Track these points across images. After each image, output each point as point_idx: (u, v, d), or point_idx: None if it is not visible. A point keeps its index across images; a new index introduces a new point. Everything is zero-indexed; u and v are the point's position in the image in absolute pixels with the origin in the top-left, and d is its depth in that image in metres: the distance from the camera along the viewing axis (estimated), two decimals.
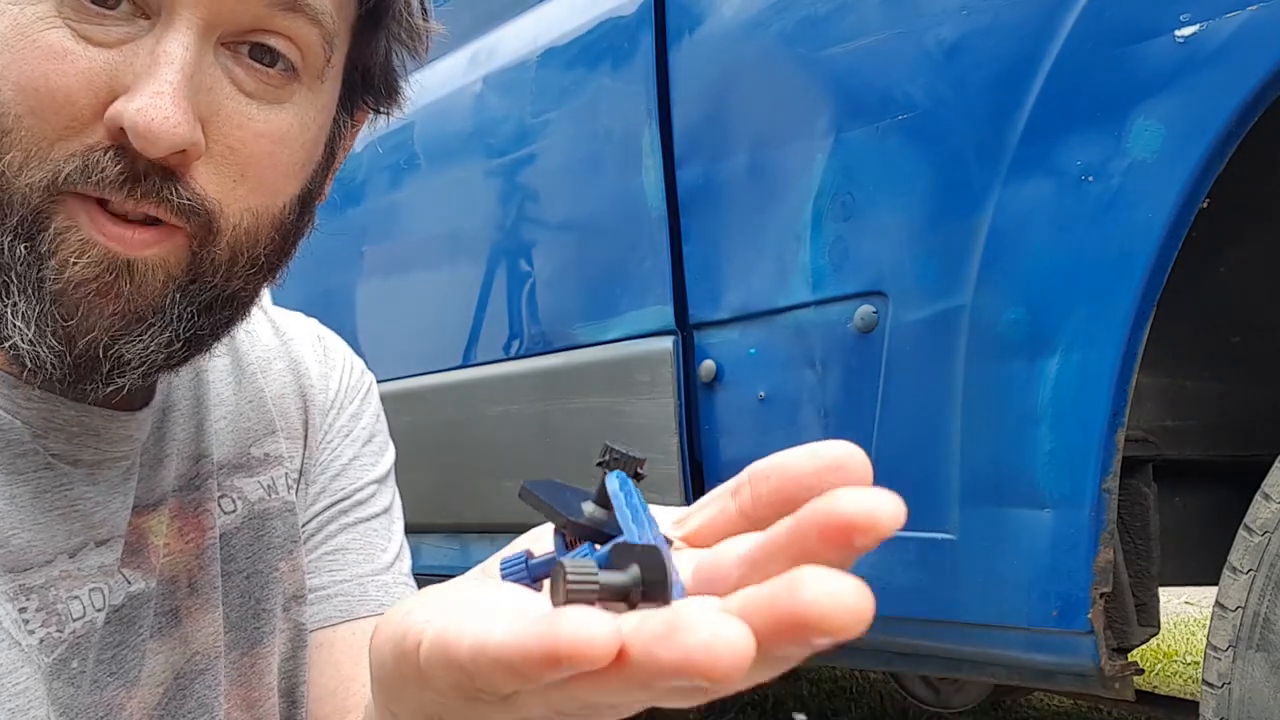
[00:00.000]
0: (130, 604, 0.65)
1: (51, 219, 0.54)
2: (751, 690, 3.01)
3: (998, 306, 1.09)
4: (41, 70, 0.53)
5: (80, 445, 0.62)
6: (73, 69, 0.53)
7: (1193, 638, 3.79)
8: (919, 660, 1.30)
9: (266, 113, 0.57)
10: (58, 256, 0.54)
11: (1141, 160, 0.99)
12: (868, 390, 1.21)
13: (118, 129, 0.53)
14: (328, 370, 0.83)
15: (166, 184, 0.54)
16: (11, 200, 0.53)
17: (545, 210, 1.65)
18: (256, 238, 0.59)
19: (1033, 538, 1.07)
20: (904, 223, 1.18)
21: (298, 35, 0.57)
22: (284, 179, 0.60)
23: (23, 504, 0.59)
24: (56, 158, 0.53)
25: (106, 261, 0.54)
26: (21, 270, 0.53)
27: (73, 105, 0.53)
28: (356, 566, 0.80)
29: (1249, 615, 0.97)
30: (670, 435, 1.41)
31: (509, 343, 1.70)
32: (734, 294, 1.36)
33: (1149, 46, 0.98)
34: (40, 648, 0.59)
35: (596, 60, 1.56)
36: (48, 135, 0.53)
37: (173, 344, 0.57)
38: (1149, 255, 0.98)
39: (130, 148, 0.53)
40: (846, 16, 1.23)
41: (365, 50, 0.63)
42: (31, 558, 0.59)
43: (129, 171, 0.53)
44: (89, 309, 0.54)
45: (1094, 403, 1.02)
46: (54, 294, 0.54)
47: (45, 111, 0.53)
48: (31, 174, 0.53)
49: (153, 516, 0.68)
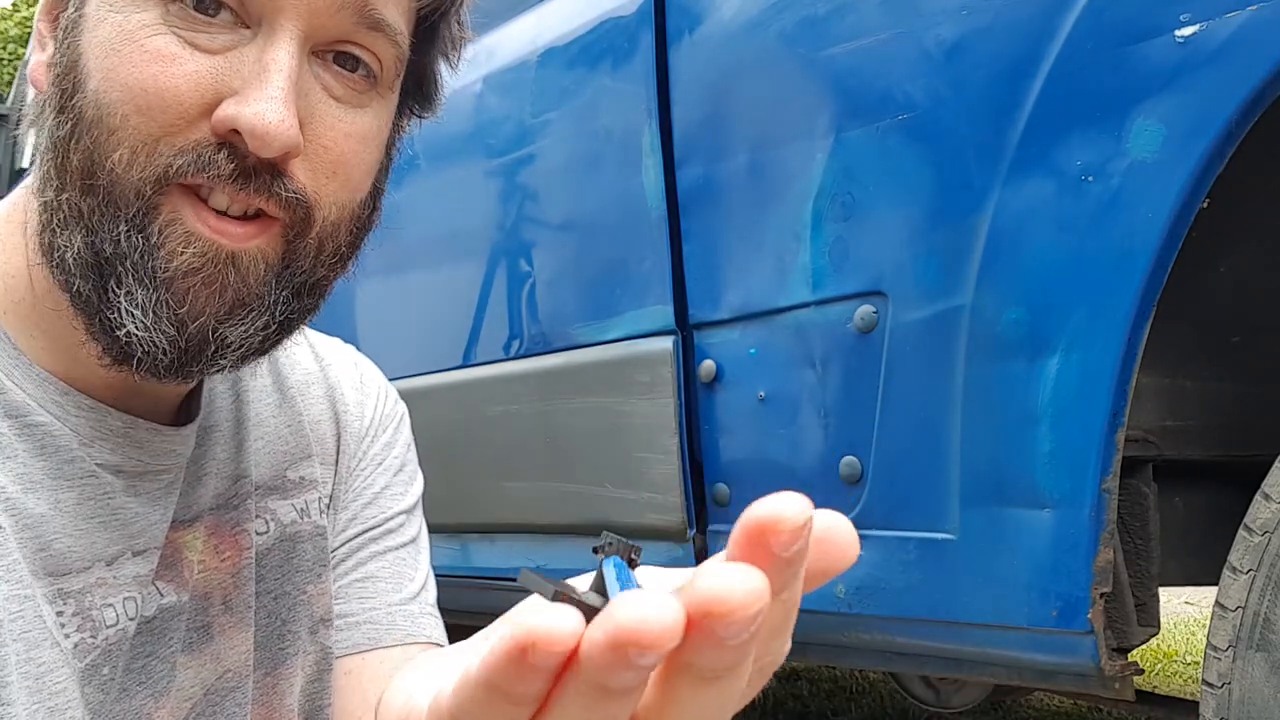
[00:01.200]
0: (161, 616, 0.66)
1: (160, 212, 0.57)
2: None
3: (998, 306, 1.09)
4: (150, 72, 0.56)
5: (124, 456, 0.64)
6: (180, 71, 0.56)
7: (1193, 638, 3.79)
8: (919, 660, 1.30)
9: (352, 115, 0.62)
10: (166, 247, 0.57)
11: (1141, 160, 0.99)
12: (868, 390, 1.21)
13: (228, 130, 0.56)
14: (363, 398, 0.86)
15: (275, 180, 0.58)
16: (125, 194, 0.57)
17: (545, 210, 1.65)
18: (339, 229, 0.63)
19: (1033, 538, 1.07)
20: (904, 223, 1.18)
21: (377, 50, 0.62)
22: (365, 176, 0.64)
23: (66, 509, 0.61)
24: (164, 153, 0.56)
25: (211, 253, 0.57)
26: (137, 260, 0.56)
27: (180, 105, 0.56)
28: (385, 595, 0.81)
29: (1249, 615, 0.97)
30: (670, 435, 1.41)
31: (509, 343, 1.70)
32: (734, 294, 1.36)
33: (1149, 46, 0.98)
34: (75, 652, 0.60)
35: (596, 60, 1.56)
36: (154, 133, 0.56)
37: (268, 327, 0.61)
38: (1149, 255, 0.98)
39: (240, 147, 0.56)
40: (846, 16, 1.23)
41: (419, 60, 0.68)
42: (71, 563, 0.61)
43: (240, 169, 0.57)
44: (197, 297, 0.58)
45: (1094, 403, 1.02)
46: (165, 282, 0.57)
47: (153, 110, 0.56)
48: (142, 169, 0.56)
49: (188, 532, 0.69)
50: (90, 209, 0.57)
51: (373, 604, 0.81)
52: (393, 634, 0.80)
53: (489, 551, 1.76)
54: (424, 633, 0.80)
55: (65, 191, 0.58)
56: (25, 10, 18.44)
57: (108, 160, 0.56)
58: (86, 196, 0.57)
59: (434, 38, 0.67)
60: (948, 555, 1.15)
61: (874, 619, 1.24)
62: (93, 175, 0.57)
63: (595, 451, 1.50)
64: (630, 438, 1.46)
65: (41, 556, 0.59)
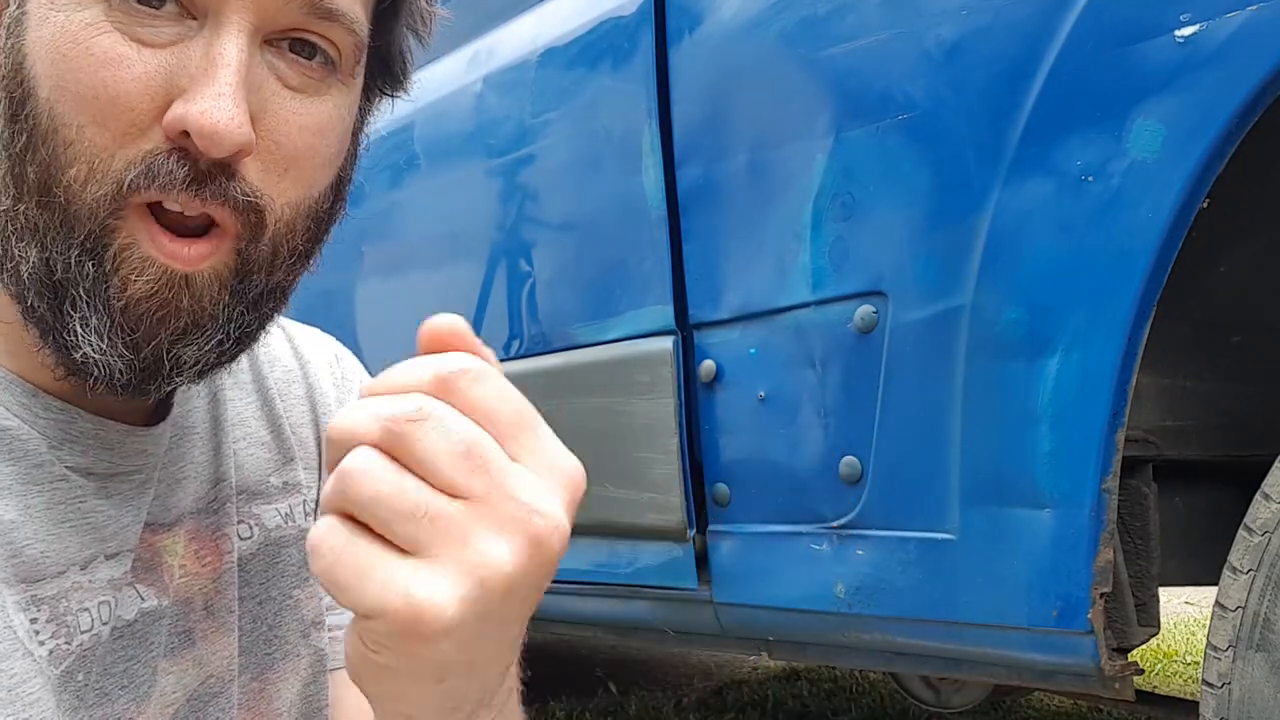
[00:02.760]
0: (142, 620, 0.65)
1: (115, 236, 0.55)
2: (751, 691, 3.01)
3: (998, 306, 1.09)
4: (99, 78, 0.54)
5: (95, 458, 0.63)
6: (129, 74, 0.54)
7: (1193, 638, 3.79)
8: (919, 660, 1.30)
9: (308, 105, 0.59)
10: (120, 274, 0.55)
11: (1141, 160, 0.98)
12: (867, 390, 1.21)
13: (179, 132, 0.54)
14: (344, 396, 0.84)
15: (229, 182, 0.56)
16: (79, 215, 0.55)
17: (545, 210, 1.65)
18: (294, 228, 0.61)
19: (1033, 538, 1.07)
20: (904, 223, 1.17)
21: (334, 38, 0.59)
22: (322, 170, 0.62)
23: (37, 514, 0.60)
24: (118, 168, 0.55)
25: (165, 278, 0.56)
26: (89, 286, 0.55)
27: (132, 111, 0.54)
28: None
29: (1249, 615, 0.97)
30: (670, 435, 1.41)
31: (509, 342, 1.70)
32: (734, 294, 1.36)
33: (1149, 46, 0.98)
34: (50, 659, 0.59)
35: (596, 60, 1.56)
36: (108, 145, 0.54)
37: (224, 344, 0.60)
38: (1149, 255, 0.98)
39: (192, 149, 0.54)
40: (847, 16, 1.23)
41: (384, 39, 0.66)
42: (45, 569, 0.60)
43: (193, 173, 0.55)
44: (153, 321, 0.56)
45: (1094, 403, 1.02)
46: (120, 309, 0.55)
47: (107, 120, 0.54)
48: (97, 188, 0.55)
49: (168, 536, 0.68)
50: (46, 225, 0.56)
51: None
52: None
53: None
54: None
55: (22, 202, 0.56)
56: None
57: (64, 175, 0.55)
58: (43, 211, 0.55)
59: (398, 14, 0.65)
60: (948, 555, 1.15)
61: (874, 619, 1.24)
62: (49, 191, 0.55)
63: (595, 451, 1.50)
64: (630, 438, 1.46)
65: (14, 563, 0.58)
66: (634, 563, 1.50)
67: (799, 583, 1.31)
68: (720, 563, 1.40)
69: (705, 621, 1.46)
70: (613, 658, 3.65)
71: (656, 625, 1.57)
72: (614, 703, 2.89)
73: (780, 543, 1.33)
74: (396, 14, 0.65)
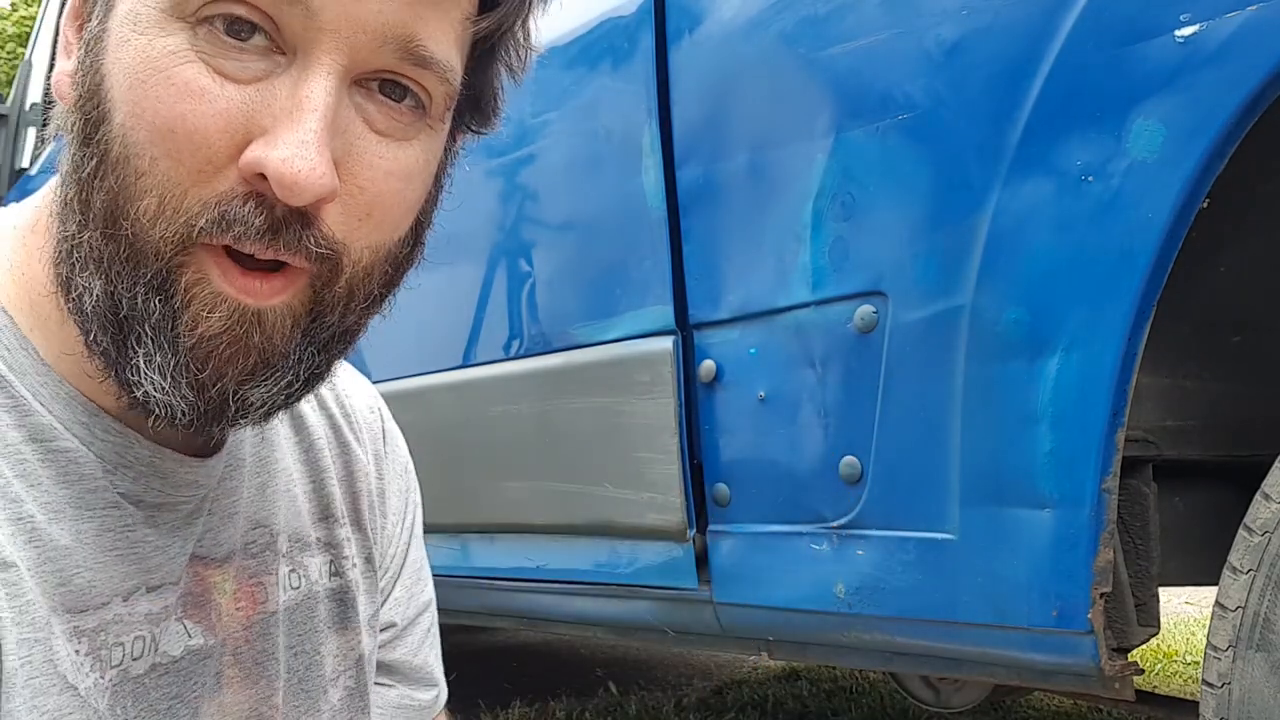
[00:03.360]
0: (189, 658, 0.64)
1: (184, 272, 0.53)
2: (751, 691, 3.01)
3: (998, 306, 1.09)
4: (179, 111, 0.52)
5: (146, 485, 0.61)
6: (210, 109, 0.52)
7: (1193, 638, 3.79)
8: (919, 660, 1.30)
9: (395, 151, 0.57)
10: (190, 311, 0.53)
11: (1142, 160, 0.98)
12: (868, 390, 1.21)
13: (256, 175, 0.52)
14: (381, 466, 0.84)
15: (305, 231, 0.54)
16: (145, 251, 0.53)
17: (545, 210, 1.65)
18: (372, 273, 0.59)
19: (1033, 538, 1.07)
20: (904, 223, 1.17)
21: (426, 84, 0.57)
22: (404, 215, 0.60)
23: (87, 541, 0.58)
24: (191, 207, 0.52)
25: (238, 315, 0.54)
26: (156, 324, 0.53)
27: (210, 148, 0.52)
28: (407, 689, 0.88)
29: (1249, 615, 0.97)
30: (670, 435, 1.41)
31: (509, 343, 1.70)
32: (734, 294, 1.36)
33: (1149, 46, 0.98)
34: (93, 692, 0.57)
35: (596, 60, 1.56)
36: (182, 181, 0.52)
37: (293, 385, 0.58)
38: (1149, 255, 0.98)
39: (269, 195, 0.52)
40: (847, 16, 1.23)
41: (478, 78, 0.63)
42: (90, 599, 0.58)
43: (269, 221, 0.53)
44: (221, 360, 0.54)
45: (1094, 403, 1.02)
46: (189, 348, 0.53)
47: (182, 154, 0.52)
48: (166, 226, 0.52)
49: (219, 572, 0.67)
50: (111, 257, 0.53)
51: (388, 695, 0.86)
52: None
53: (489, 551, 1.76)
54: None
55: (87, 230, 0.54)
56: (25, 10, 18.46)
57: (133, 208, 0.53)
58: (109, 243, 0.53)
59: (494, 56, 0.63)
60: (948, 555, 1.15)
61: (874, 619, 1.24)
62: (116, 222, 0.53)
63: (595, 451, 1.50)
64: (630, 438, 1.46)
65: (61, 592, 0.56)
66: (634, 563, 1.50)
67: (799, 583, 1.31)
68: (720, 563, 1.40)
69: (705, 621, 1.46)
70: (612, 658, 3.65)
71: (656, 625, 1.57)
72: (614, 703, 2.89)
73: (780, 543, 1.32)
74: (493, 54, 0.63)
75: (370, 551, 0.81)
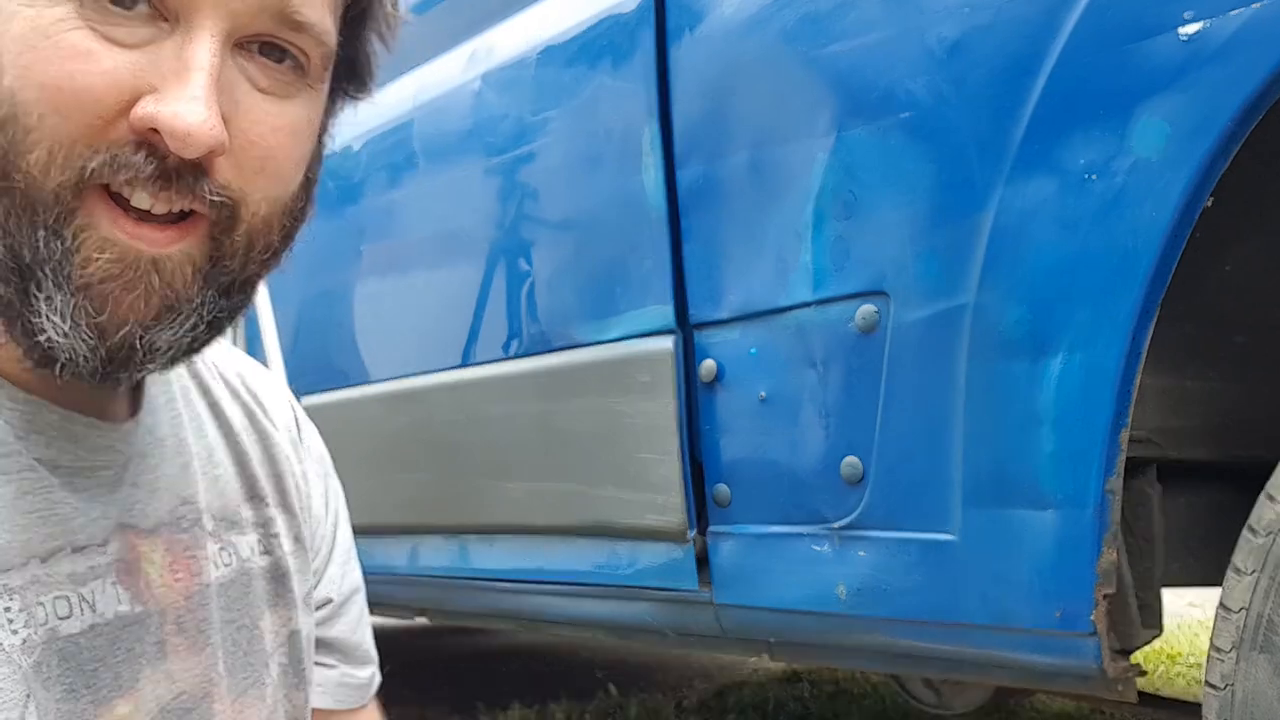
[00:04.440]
0: (117, 621, 0.65)
1: (75, 216, 0.56)
2: (752, 692, 3.01)
3: (1000, 306, 1.08)
4: (66, 70, 0.55)
5: (60, 450, 0.63)
6: (97, 68, 0.55)
7: (1196, 639, 3.78)
8: (921, 662, 1.30)
9: (280, 107, 0.61)
10: (81, 253, 0.56)
11: (1145, 159, 0.98)
12: (869, 390, 1.21)
13: (147, 129, 0.55)
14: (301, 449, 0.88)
15: (198, 180, 0.57)
16: (42, 198, 0.56)
17: (545, 209, 1.65)
18: (270, 224, 0.63)
19: (1035, 539, 1.07)
20: (906, 222, 1.17)
21: (303, 46, 0.61)
22: (295, 169, 0.64)
23: (4, 503, 0.60)
24: (81, 153, 0.55)
25: (130, 259, 0.57)
26: (55, 264, 0.56)
27: (98, 104, 0.55)
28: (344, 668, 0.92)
29: (1252, 617, 0.97)
30: (670, 435, 1.41)
31: (508, 342, 1.69)
32: (735, 293, 1.36)
33: (1152, 44, 0.97)
34: (23, 648, 0.59)
35: (596, 58, 1.55)
36: (71, 133, 0.55)
37: (197, 328, 0.61)
38: (1153, 255, 0.97)
39: (160, 147, 0.56)
40: (848, 14, 1.22)
41: (352, 45, 0.67)
42: (10, 558, 0.60)
43: (160, 170, 0.56)
44: (118, 303, 0.57)
45: (1097, 403, 1.01)
46: (82, 288, 0.56)
47: (70, 109, 0.55)
48: (59, 172, 0.55)
49: (147, 542, 0.69)
50: (6, 211, 0.56)
51: (330, 674, 0.89)
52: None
53: (488, 552, 1.75)
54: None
55: None
56: None
57: (23, 161, 0.55)
58: (2, 198, 0.56)
59: (364, 20, 0.67)
60: (950, 556, 1.14)
61: (876, 620, 1.23)
62: (7, 176, 0.56)
63: (595, 451, 1.50)
64: (630, 438, 1.46)
65: None
66: (634, 564, 1.50)
67: (800, 584, 1.30)
68: (721, 564, 1.40)
69: (706, 623, 1.46)
70: (613, 659, 3.65)
71: (657, 627, 1.57)
72: (614, 704, 2.89)
73: (781, 544, 1.32)
74: (363, 21, 0.67)
75: (299, 531, 0.84)
